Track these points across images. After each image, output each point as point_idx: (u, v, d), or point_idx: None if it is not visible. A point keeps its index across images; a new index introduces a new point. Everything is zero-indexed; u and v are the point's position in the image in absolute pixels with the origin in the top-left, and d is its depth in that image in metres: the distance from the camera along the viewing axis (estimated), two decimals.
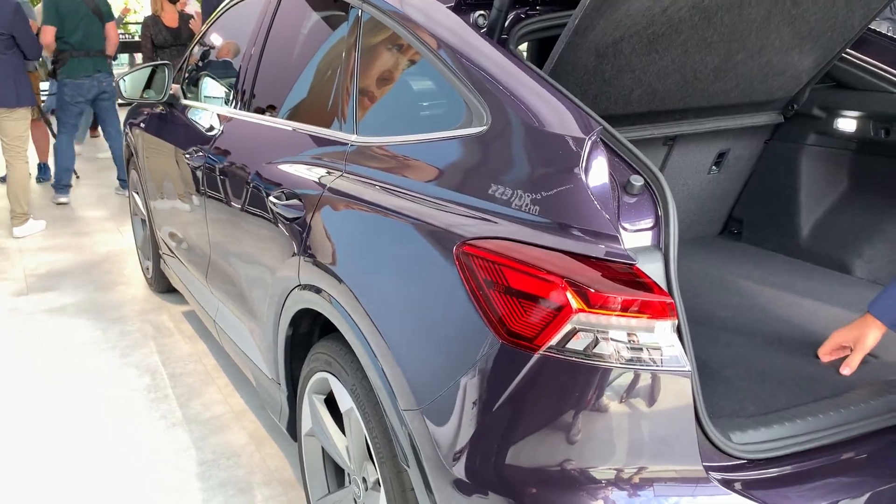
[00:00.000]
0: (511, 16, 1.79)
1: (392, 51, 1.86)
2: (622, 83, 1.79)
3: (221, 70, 3.08)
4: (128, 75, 3.25)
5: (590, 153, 1.31)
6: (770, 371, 1.68)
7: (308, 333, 2.11)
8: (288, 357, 2.15)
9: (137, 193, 4.16)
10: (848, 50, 2.21)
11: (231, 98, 2.74)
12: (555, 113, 1.41)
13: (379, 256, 1.64)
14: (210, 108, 2.94)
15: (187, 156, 2.86)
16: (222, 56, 3.15)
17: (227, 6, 3.04)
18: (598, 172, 1.31)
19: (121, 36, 14.47)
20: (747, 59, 1.89)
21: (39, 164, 6.80)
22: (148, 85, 3.41)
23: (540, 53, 2.49)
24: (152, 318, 3.85)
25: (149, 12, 6.78)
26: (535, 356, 1.26)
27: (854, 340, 1.67)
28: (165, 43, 6.46)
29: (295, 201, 1.97)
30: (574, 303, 1.22)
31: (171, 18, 6.46)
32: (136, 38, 13.94)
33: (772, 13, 1.73)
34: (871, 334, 1.63)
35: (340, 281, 1.73)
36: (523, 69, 1.52)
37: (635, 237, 1.32)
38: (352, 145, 1.88)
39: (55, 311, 3.94)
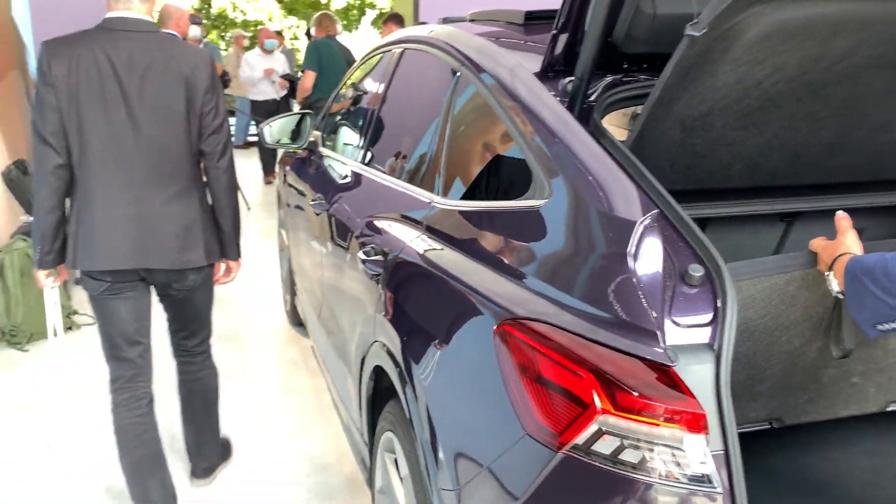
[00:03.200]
0: (603, 83, 1.72)
1: (477, 112, 1.85)
2: (717, 157, 1.65)
3: (347, 121, 3.22)
4: (274, 121, 3.47)
5: (641, 237, 1.21)
6: None
7: (389, 389, 2.11)
8: (370, 410, 2.16)
9: (282, 228, 4.42)
10: None
11: (350, 149, 2.85)
12: (612, 190, 1.32)
13: (434, 323, 1.62)
14: (335, 157, 3.08)
15: (312, 201, 2.99)
16: (350, 108, 3.29)
17: (362, 60, 3.18)
18: (648, 259, 1.20)
19: None
20: (870, 135, 1.68)
21: None
22: (298, 131, 3.63)
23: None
24: (283, 350, 4.04)
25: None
26: (560, 455, 1.16)
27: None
28: None
29: (379, 258, 1.99)
30: (599, 402, 1.12)
31: None
32: None
33: (895, 85, 1.52)
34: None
35: (400, 343, 1.71)
36: (590, 142, 1.44)
37: (687, 334, 1.20)
38: (433, 206, 1.87)
39: None
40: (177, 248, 2.25)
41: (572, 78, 1.69)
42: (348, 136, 3.08)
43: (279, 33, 10.88)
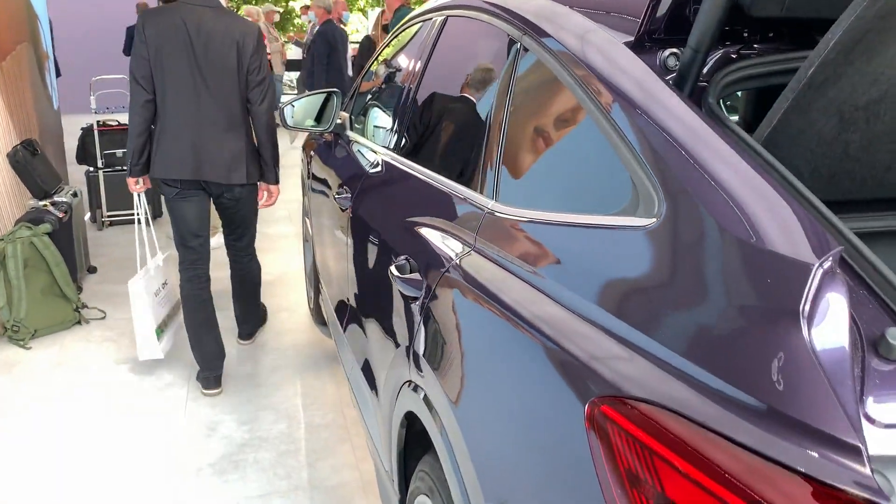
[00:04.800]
0: (714, 57, 1.30)
1: (548, 94, 1.42)
2: (874, 159, 1.22)
3: (379, 102, 2.81)
4: (296, 101, 3.08)
5: (820, 288, 0.80)
6: None
7: (423, 433, 1.73)
8: (401, 456, 1.78)
9: (307, 217, 4.04)
10: None
11: (382, 134, 2.44)
12: (763, 213, 0.90)
13: (491, 377, 1.21)
14: (364, 143, 2.67)
15: (337, 194, 2.60)
16: (382, 86, 2.88)
17: (396, 31, 2.76)
18: (830, 322, 0.79)
19: None
20: None
21: None
22: (321, 112, 3.23)
23: (756, 108, 1.66)
24: (307, 354, 3.68)
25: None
26: None
27: None
28: None
29: (416, 276, 1.59)
30: None
31: None
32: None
33: None
34: None
35: (444, 394, 1.32)
36: (723, 137, 1.02)
37: (888, 436, 0.79)
38: (488, 213, 1.46)
39: None
40: (225, 167, 3.04)
41: (675, 50, 1.27)
42: (380, 118, 2.67)
43: (307, 8, 10.47)
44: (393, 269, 1.68)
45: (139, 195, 3.32)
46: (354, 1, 24.70)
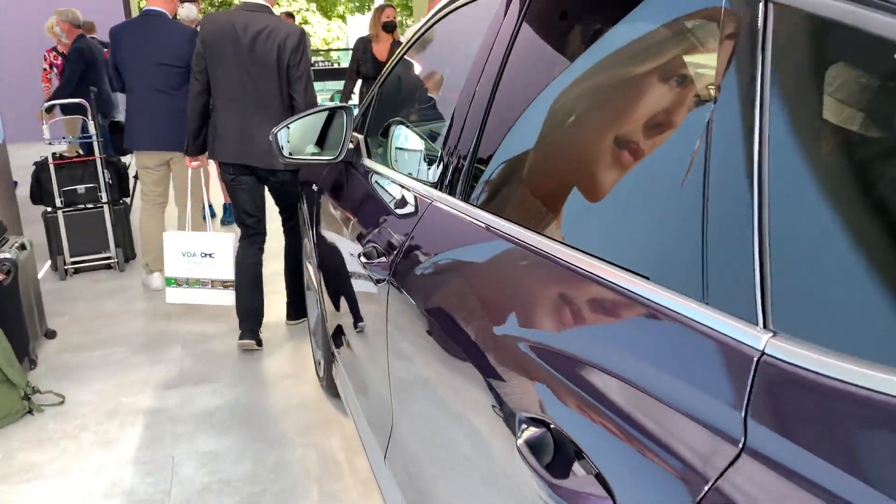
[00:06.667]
0: None
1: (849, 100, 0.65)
2: None
3: (420, 119, 2.03)
4: (291, 124, 2.30)
5: None
6: None
7: None
8: None
9: (310, 263, 3.25)
10: None
11: (435, 168, 1.65)
12: None
13: None
14: (401, 179, 1.88)
15: (365, 255, 1.81)
16: (423, 96, 2.09)
17: (435, 18, 1.97)
18: None
19: (322, 64, 14.43)
20: None
21: (225, 205, 6.28)
22: (324, 134, 2.45)
23: None
24: (319, 442, 2.88)
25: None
26: None
27: None
28: (368, 75, 5.68)
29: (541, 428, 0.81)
30: None
31: (382, 49, 5.62)
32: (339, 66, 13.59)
33: None
34: None
35: None
36: None
37: None
38: (764, 356, 0.68)
39: (202, 418, 3.08)
40: (267, 154, 3.26)
41: None
42: (424, 144, 1.89)
43: (290, 15, 9.69)
44: (520, 438, 0.89)
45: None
46: (334, 7, 23.86)
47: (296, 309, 4.01)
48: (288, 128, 2.27)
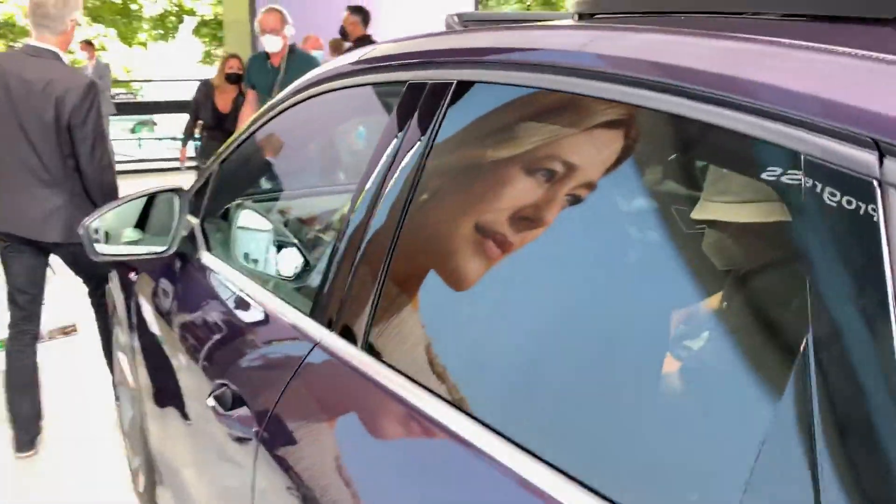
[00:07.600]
0: None
1: None
2: None
3: (286, 207, 1.66)
4: (107, 213, 1.83)
5: None
6: None
7: None
8: None
9: (125, 355, 2.71)
10: None
11: (323, 298, 1.29)
12: None
13: None
14: (262, 296, 1.49)
15: (216, 397, 1.39)
16: (289, 178, 1.73)
17: (297, 91, 1.61)
18: None
19: (125, 96, 13.35)
20: None
21: None
22: (144, 218, 1.99)
23: None
24: None
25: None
26: None
27: None
28: (207, 123, 5.21)
29: None
30: None
31: (225, 100, 5.15)
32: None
33: None
34: None
35: None
36: None
37: None
38: None
39: None
40: (40, 223, 2.86)
41: None
42: (293, 239, 1.52)
43: (89, 43, 8.77)
44: None
45: None
46: (134, 34, 21.95)
47: None
48: (102, 218, 1.80)
